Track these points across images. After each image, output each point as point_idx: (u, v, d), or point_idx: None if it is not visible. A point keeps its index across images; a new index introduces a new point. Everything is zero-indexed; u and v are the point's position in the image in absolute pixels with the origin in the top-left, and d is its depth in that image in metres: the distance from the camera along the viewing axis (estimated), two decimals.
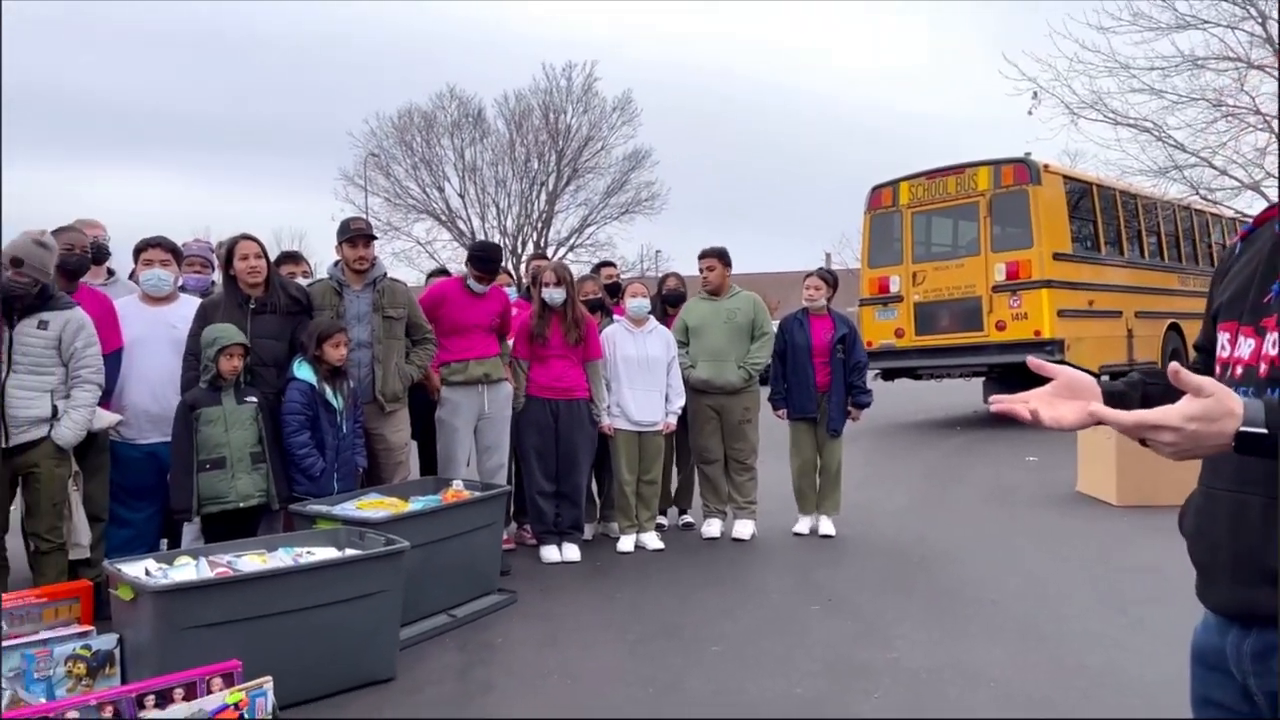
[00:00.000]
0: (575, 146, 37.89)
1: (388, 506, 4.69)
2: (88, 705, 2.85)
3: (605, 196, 38.13)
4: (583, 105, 37.81)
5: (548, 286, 5.85)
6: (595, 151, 38.14)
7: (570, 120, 37.88)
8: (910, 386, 14.94)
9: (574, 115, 37.88)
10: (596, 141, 38.03)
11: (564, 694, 3.76)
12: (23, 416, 4.25)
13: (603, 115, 37.86)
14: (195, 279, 5.60)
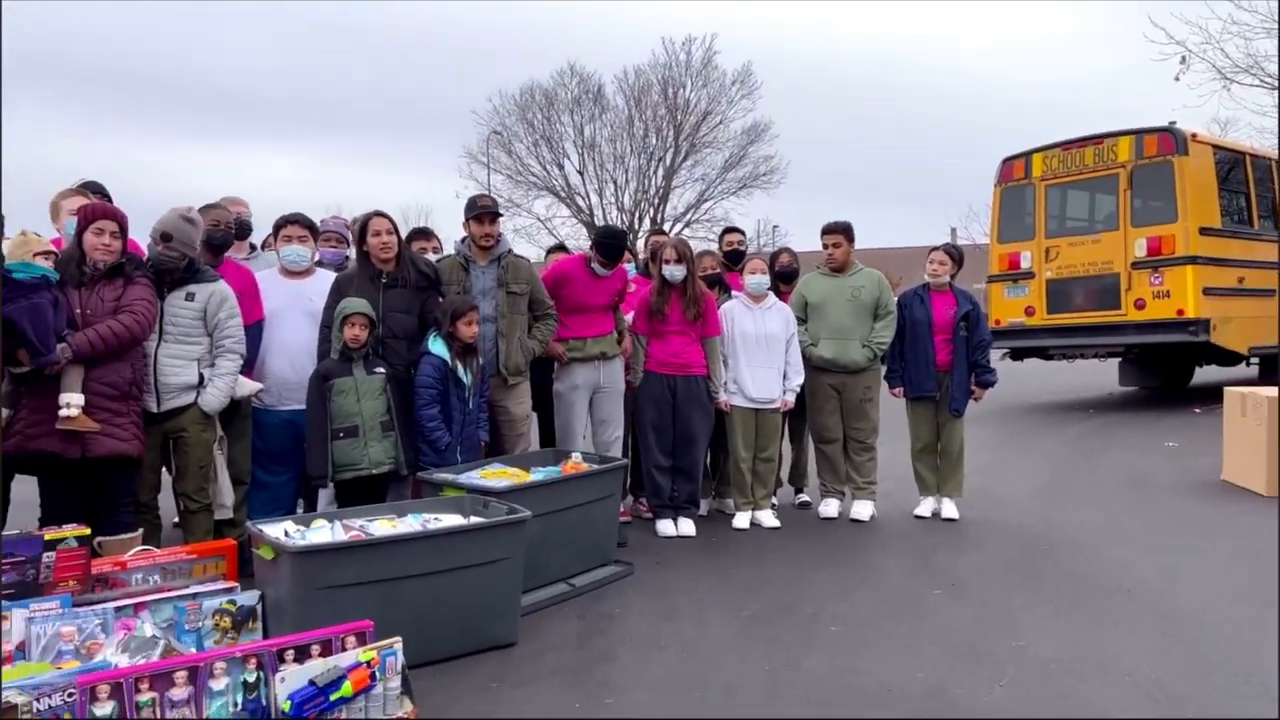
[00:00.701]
0: (693, 121, 37.76)
1: (510, 476, 4.80)
2: (233, 657, 3.02)
3: (723, 171, 37.93)
4: (702, 79, 37.64)
5: (668, 264, 5.85)
6: (714, 126, 37.95)
7: (689, 94, 37.76)
8: (1039, 367, 14.36)
9: (693, 89, 37.75)
10: (715, 115, 37.82)
11: (682, 667, 3.79)
12: (173, 383, 4.51)
13: (722, 89, 37.61)
14: (331, 253, 5.83)
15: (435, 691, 3.49)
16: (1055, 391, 14.73)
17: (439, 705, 3.40)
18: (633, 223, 38.02)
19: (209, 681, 2.95)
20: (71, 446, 4.05)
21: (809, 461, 6.80)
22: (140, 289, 4.29)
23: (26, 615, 3.28)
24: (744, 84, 37.37)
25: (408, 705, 3.24)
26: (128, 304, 4.21)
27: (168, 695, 2.88)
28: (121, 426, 4.18)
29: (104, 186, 5.30)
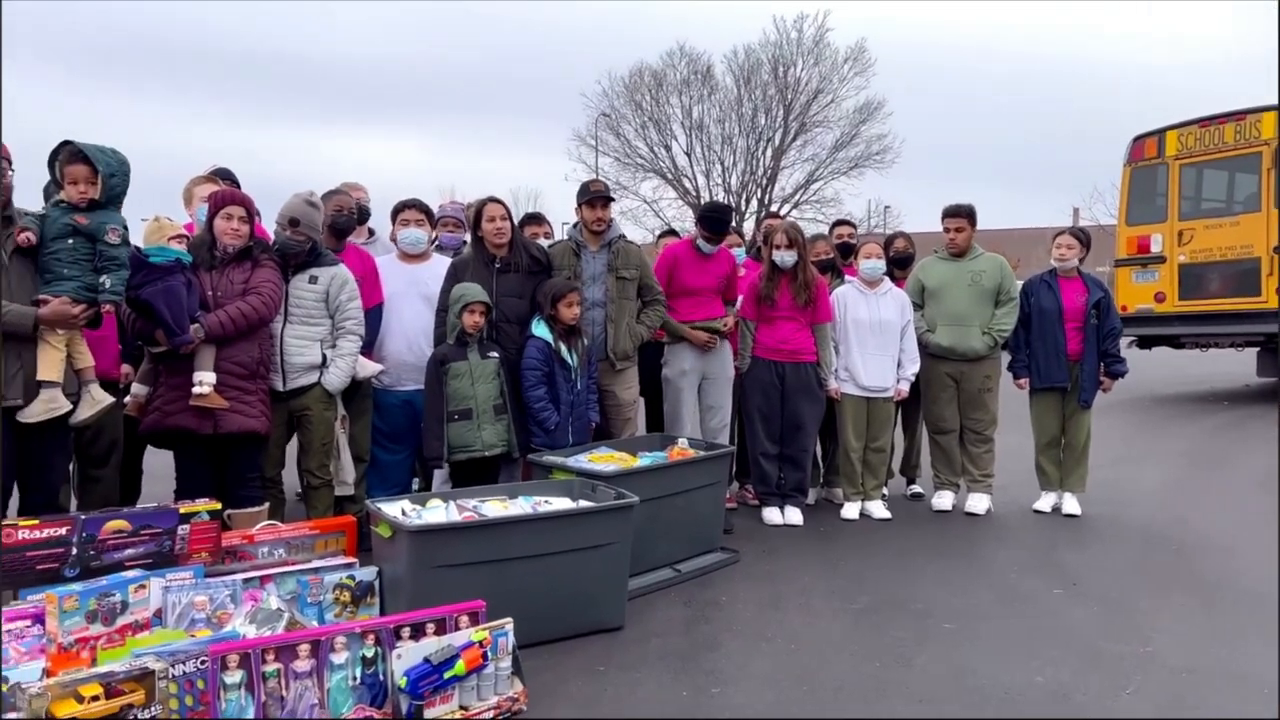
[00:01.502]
0: (804, 100, 37.13)
1: (617, 461, 4.82)
2: (353, 632, 3.12)
3: (833, 151, 37.21)
4: (813, 57, 36.95)
5: (779, 249, 5.76)
6: (824, 104, 37.24)
7: (800, 73, 37.13)
8: (1169, 355, 13.64)
9: (804, 68, 37.11)
10: (826, 94, 37.11)
11: (789, 659, 3.74)
12: (297, 363, 4.68)
13: (834, 67, 36.84)
14: (450, 237, 5.96)
15: (544, 672, 3.54)
16: (1187, 382, 13.99)
17: (548, 686, 3.45)
18: (739, 204, 37.67)
19: (330, 655, 3.06)
20: (204, 423, 4.24)
21: (922, 452, 6.63)
22: (267, 272, 4.46)
23: (163, 584, 3.46)
24: (857, 61, 36.53)
25: (518, 685, 3.29)
26: (255, 286, 4.38)
27: (292, 667, 3.00)
28: (250, 404, 4.36)
29: (233, 172, 5.52)
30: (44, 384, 3.84)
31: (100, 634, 3.26)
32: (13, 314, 3.73)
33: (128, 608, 3.34)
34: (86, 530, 3.53)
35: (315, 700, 3.03)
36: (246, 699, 2.93)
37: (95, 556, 3.54)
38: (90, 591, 3.28)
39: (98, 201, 3.94)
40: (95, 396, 4.01)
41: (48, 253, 3.88)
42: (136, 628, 3.35)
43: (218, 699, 2.89)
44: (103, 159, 3.93)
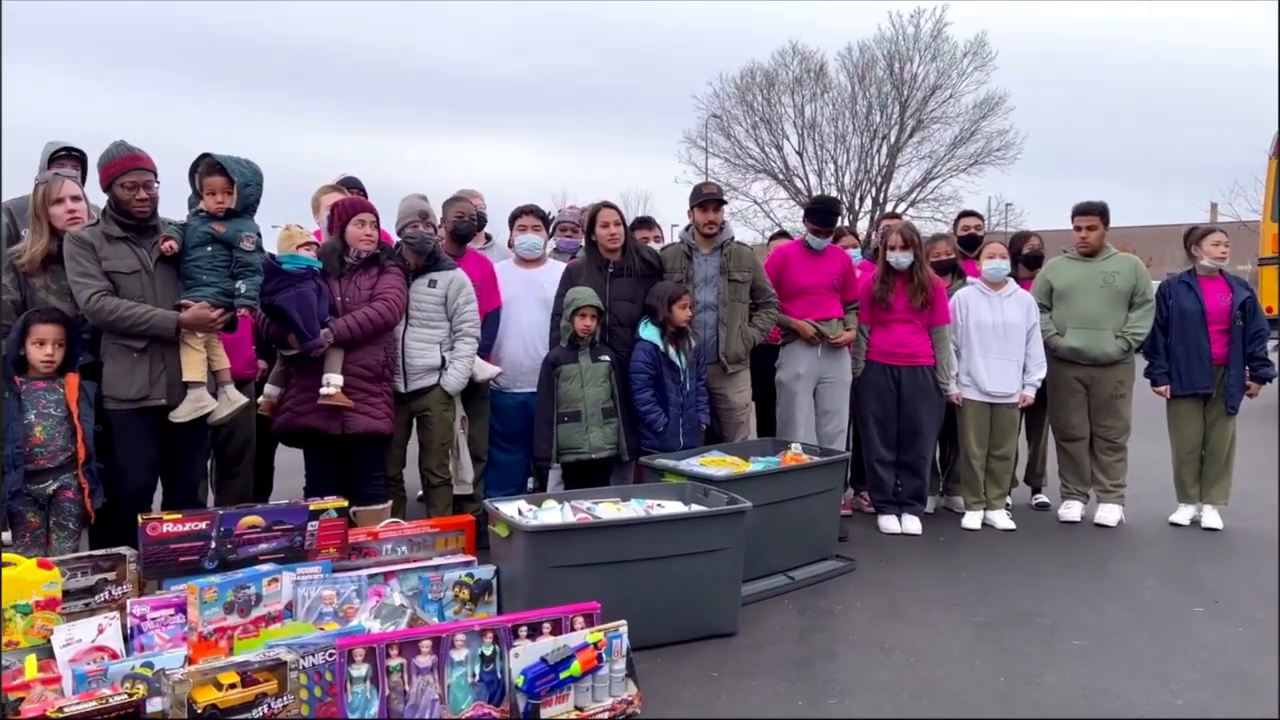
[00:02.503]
0: (920, 96, 36.21)
1: (729, 465, 4.79)
2: (472, 630, 3.19)
3: (951, 148, 36.13)
4: (930, 52, 35.99)
5: (893, 250, 5.63)
6: (942, 100, 36.21)
7: (916, 69, 36.22)
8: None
9: (920, 63, 36.17)
10: (944, 90, 36.07)
11: (908, 671, 3.64)
12: (418, 365, 4.81)
13: (952, 62, 35.79)
14: (567, 242, 6.05)
15: (658, 675, 3.54)
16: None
17: (662, 690, 3.45)
18: (853, 203, 37.02)
19: (450, 652, 3.13)
20: (332, 423, 4.40)
21: (1048, 460, 6.36)
22: (392, 277, 4.60)
23: (294, 578, 3.61)
24: (977, 55, 35.38)
25: (632, 688, 3.30)
26: (381, 292, 4.53)
27: (414, 662, 3.08)
28: (375, 405, 4.50)
29: (360, 181, 5.72)
30: (190, 384, 4.06)
31: (237, 624, 3.42)
32: (157, 318, 3.95)
33: (261, 600, 3.50)
34: (224, 525, 3.71)
35: (436, 696, 3.10)
36: (371, 692, 3.02)
37: (232, 550, 3.71)
38: (228, 584, 3.44)
39: (234, 210, 4.13)
40: (231, 397, 4.20)
41: (188, 260, 4.09)
42: (269, 619, 3.50)
43: (344, 691, 2.99)
44: (238, 169, 4.12)
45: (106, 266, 3.93)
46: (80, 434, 3.83)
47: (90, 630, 3.17)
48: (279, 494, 5.12)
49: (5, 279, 4.12)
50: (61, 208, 4.15)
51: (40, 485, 3.77)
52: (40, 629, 3.16)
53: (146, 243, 4.04)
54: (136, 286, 3.98)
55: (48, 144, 5.05)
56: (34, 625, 3.16)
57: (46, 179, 4.25)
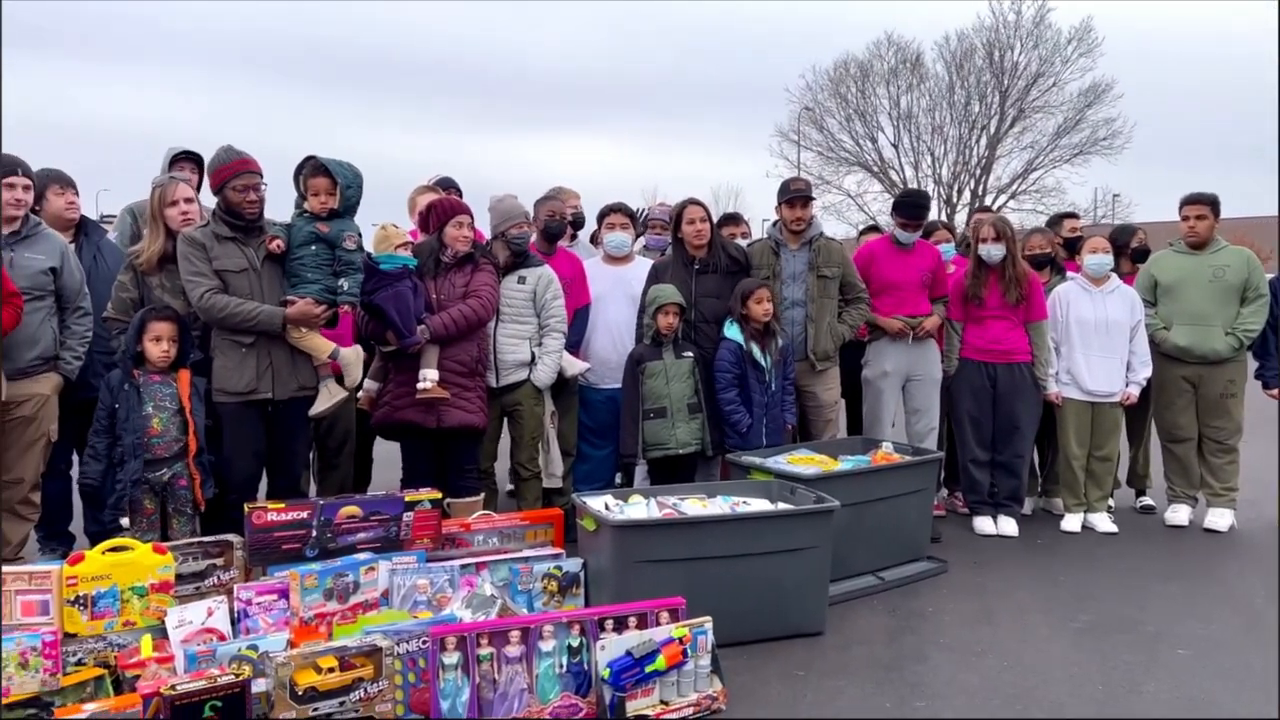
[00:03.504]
0: (1022, 85, 35.17)
1: (817, 463, 4.75)
2: (560, 622, 3.25)
3: (1055, 137, 35.02)
4: (1033, 39, 34.94)
5: (984, 242, 5.49)
6: (1045, 89, 35.12)
7: (1018, 57, 35.21)
8: None
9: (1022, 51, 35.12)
10: (1047, 78, 34.99)
11: (1002, 676, 3.56)
12: (509, 360, 4.91)
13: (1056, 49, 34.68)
14: (656, 239, 6.09)
15: (743, 672, 3.54)
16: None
17: (747, 687, 3.45)
18: (951, 195, 36.18)
19: (538, 643, 3.19)
20: (429, 417, 4.53)
21: (1151, 461, 6.12)
22: (486, 275, 4.71)
23: (390, 567, 3.73)
24: (1082, 41, 34.20)
25: (717, 684, 3.32)
26: (475, 289, 4.63)
27: (504, 652, 3.15)
28: (469, 400, 4.61)
29: (456, 181, 5.85)
30: (321, 379, 4.26)
31: (335, 611, 3.56)
32: (264, 314, 4.13)
33: (359, 588, 3.63)
34: (324, 514, 3.86)
35: (525, 685, 3.17)
36: (462, 680, 3.10)
37: (332, 539, 3.86)
38: (328, 571, 3.58)
39: (336, 211, 4.28)
40: (331, 391, 4.36)
41: (294, 259, 4.26)
42: (366, 606, 3.63)
43: (437, 678, 3.08)
44: (340, 171, 4.27)
45: (217, 265, 4.13)
46: (192, 427, 4.03)
47: (200, 613, 3.34)
48: (377, 485, 5.30)
49: (124, 277, 4.37)
50: (176, 209, 4.37)
51: (157, 474, 3.98)
52: (155, 610, 3.35)
53: (254, 242, 4.23)
54: (245, 284, 4.16)
55: (168, 149, 5.32)
56: (149, 607, 3.35)
57: (162, 182, 4.48)
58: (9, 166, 4.27)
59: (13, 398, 4.08)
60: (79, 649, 3.20)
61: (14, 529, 4.35)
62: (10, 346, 4.08)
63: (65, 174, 4.88)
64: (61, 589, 3.21)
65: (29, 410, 4.25)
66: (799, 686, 3.49)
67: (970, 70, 35.84)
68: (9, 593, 3.17)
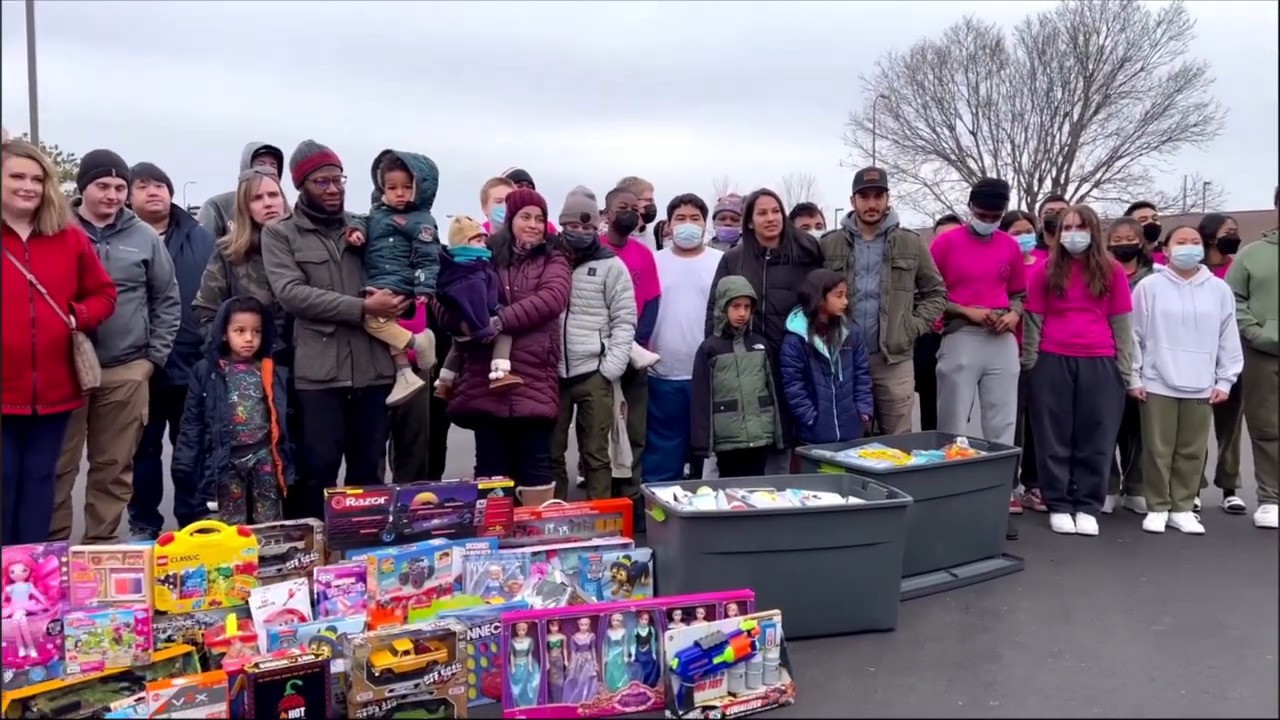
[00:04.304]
0: (1107, 70, 34.03)
1: (889, 458, 4.69)
2: (629, 611, 3.28)
3: (1142, 124, 33.83)
4: (1120, 23, 33.78)
5: (1068, 230, 5.34)
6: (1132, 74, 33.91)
7: (1103, 41, 34.06)
8: None
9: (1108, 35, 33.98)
10: (1134, 62, 33.79)
11: (1078, 678, 3.49)
12: (579, 350, 4.95)
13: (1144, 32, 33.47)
14: (726, 230, 6.05)
15: (812, 667, 3.53)
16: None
17: (816, 681, 3.44)
18: (1031, 185, 35.24)
19: (608, 631, 3.22)
20: (501, 406, 4.59)
21: (1242, 460, 5.90)
22: (558, 267, 4.75)
23: (463, 553, 3.80)
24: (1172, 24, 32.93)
25: (786, 678, 3.31)
26: (547, 281, 4.68)
27: (573, 639, 3.19)
28: (540, 390, 4.66)
29: (528, 173, 5.91)
30: (398, 368, 4.37)
31: (411, 595, 3.65)
32: (344, 304, 4.24)
33: (434, 573, 3.71)
34: (401, 500, 3.95)
35: (594, 673, 3.21)
36: (533, 666, 3.15)
37: (407, 524, 3.94)
38: (403, 556, 3.67)
39: (413, 203, 4.37)
40: (408, 379, 4.45)
41: (372, 250, 4.36)
42: (440, 591, 3.71)
43: (509, 663, 3.14)
44: (416, 164, 4.35)
45: (299, 257, 4.25)
46: (274, 414, 4.16)
47: (282, 594, 3.45)
48: (451, 473, 5.39)
49: (213, 267, 4.52)
50: (260, 203, 4.51)
51: (242, 460, 4.12)
52: (239, 591, 3.47)
53: (334, 234, 4.34)
54: (325, 275, 4.27)
55: (248, 143, 5.49)
56: (234, 587, 3.47)
57: (248, 177, 4.63)
58: (104, 166, 4.45)
59: (107, 384, 4.25)
60: (168, 626, 3.33)
61: (108, 508, 4.54)
62: (104, 335, 4.25)
63: (153, 167, 5.06)
64: (152, 568, 3.35)
65: (122, 396, 4.43)
66: (869, 682, 3.46)
67: (1053, 55, 34.81)
68: (104, 570, 3.31)
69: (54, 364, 3.93)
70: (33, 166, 3.85)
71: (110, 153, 4.54)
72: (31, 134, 18.40)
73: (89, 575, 3.30)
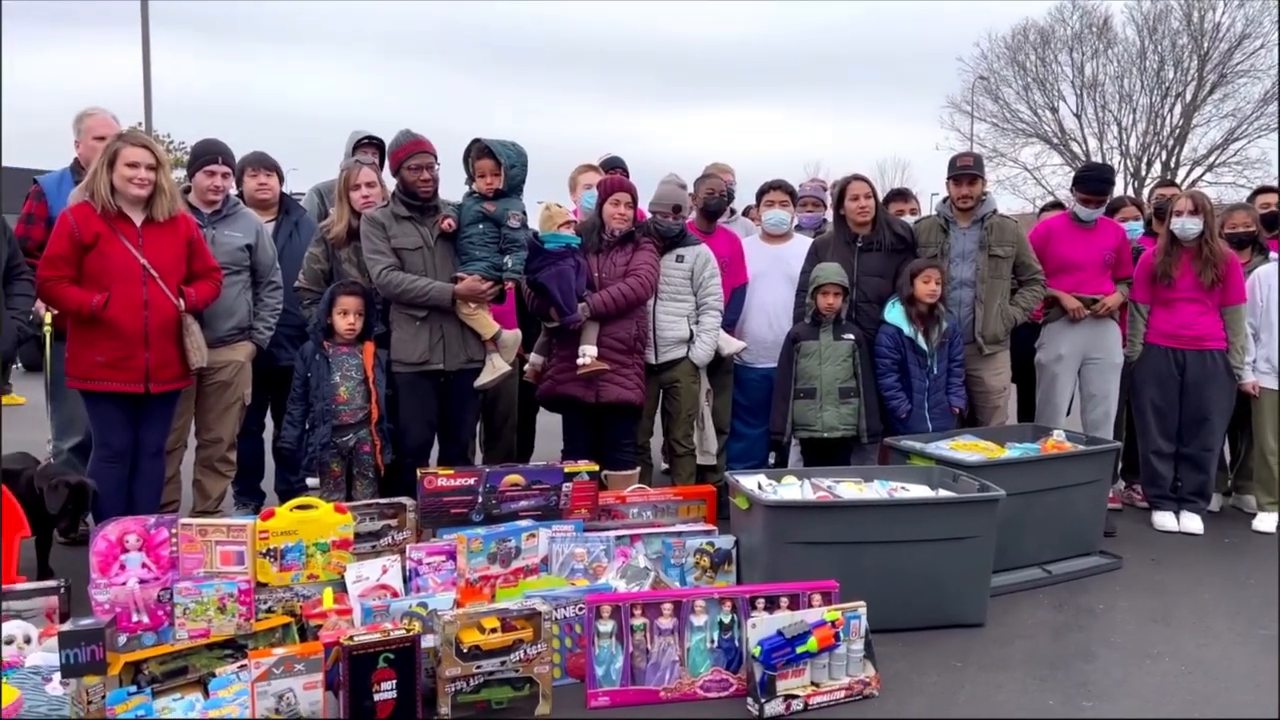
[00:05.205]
0: (1224, 48, 32.33)
1: (982, 450, 4.59)
2: (712, 598, 3.28)
3: (1261, 104, 32.01)
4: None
5: (1179, 216, 5.11)
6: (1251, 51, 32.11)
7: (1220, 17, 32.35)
8: None
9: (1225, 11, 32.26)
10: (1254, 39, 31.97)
11: (1178, 680, 3.36)
12: (667, 337, 4.96)
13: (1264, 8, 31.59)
14: (808, 217, 5.98)
15: (898, 660, 3.49)
16: None
17: (902, 675, 3.40)
18: (1139, 169, 33.79)
19: (690, 616, 3.24)
20: (588, 391, 4.64)
21: None
22: (646, 254, 4.76)
23: (549, 535, 3.87)
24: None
25: (870, 670, 3.28)
26: (635, 268, 4.70)
27: (656, 623, 3.22)
28: (627, 376, 4.69)
29: (622, 160, 5.93)
30: (488, 353, 4.46)
31: (499, 574, 3.72)
32: (435, 290, 4.34)
33: (520, 553, 3.78)
34: (490, 482, 4.03)
35: (676, 658, 3.23)
36: (616, 648, 3.19)
37: (496, 505, 4.03)
38: (492, 536, 3.75)
39: (501, 191, 4.44)
40: (496, 364, 4.53)
41: (463, 237, 4.45)
42: (527, 571, 3.78)
43: (593, 644, 3.18)
44: (504, 152, 4.41)
45: (394, 244, 4.36)
46: (374, 395, 4.29)
47: (376, 570, 3.56)
48: (539, 455, 5.48)
49: (316, 250, 4.68)
50: (359, 193, 4.65)
51: (344, 439, 4.27)
52: (335, 565, 3.59)
53: (429, 221, 4.44)
54: (419, 261, 4.38)
55: (353, 132, 5.64)
56: (331, 562, 3.59)
57: (349, 166, 4.77)
58: (211, 154, 4.63)
59: (213, 364, 4.44)
60: (269, 598, 3.47)
61: (214, 483, 4.75)
62: (210, 317, 4.44)
63: (264, 156, 5.25)
64: (255, 542, 3.49)
65: (227, 376, 4.62)
66: (956, 678, 3.41)
67: (1165, 33, 33.21)
68: (210, 542, 3.47)
69: (165, 344, 4.12)
70: (146, 156, 4.03)
71: (217, 141, 4.72)
72: (146, 123, 19.23)
73: (196, 547, 3.46)
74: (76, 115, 4.85)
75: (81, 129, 4.79)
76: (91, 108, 4.87)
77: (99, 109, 4.88)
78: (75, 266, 3.98)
